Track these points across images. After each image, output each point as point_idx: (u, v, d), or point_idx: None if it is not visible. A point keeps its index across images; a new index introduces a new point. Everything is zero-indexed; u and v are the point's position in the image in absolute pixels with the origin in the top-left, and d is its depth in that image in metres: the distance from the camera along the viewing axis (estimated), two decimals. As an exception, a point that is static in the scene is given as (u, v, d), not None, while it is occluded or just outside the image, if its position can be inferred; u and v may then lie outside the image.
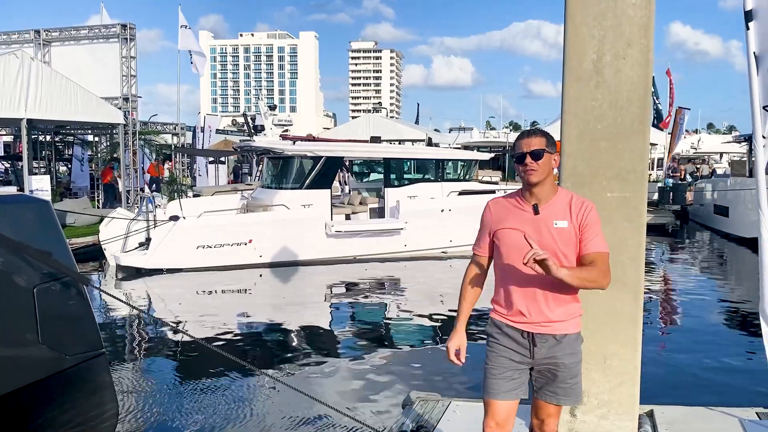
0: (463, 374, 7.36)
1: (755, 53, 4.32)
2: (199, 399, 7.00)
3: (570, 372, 3.15)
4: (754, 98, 4.38)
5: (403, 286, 14.37)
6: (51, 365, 3.65)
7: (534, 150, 3.05)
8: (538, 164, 3.04)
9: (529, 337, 3.13)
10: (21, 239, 3.55)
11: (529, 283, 3.07)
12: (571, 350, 3.14)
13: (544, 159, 3.05)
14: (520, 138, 3.17)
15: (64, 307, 3.79)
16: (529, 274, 2.98)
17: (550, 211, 3.06)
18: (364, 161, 22.57)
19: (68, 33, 22.25)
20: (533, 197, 3.09)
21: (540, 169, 3.04)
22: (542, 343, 3.11)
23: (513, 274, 3.10)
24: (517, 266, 3.03)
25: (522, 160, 3.06)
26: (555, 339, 3.11)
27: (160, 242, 14.23)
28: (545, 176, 3.07)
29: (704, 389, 7.08)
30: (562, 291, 3.06)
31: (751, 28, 4.31)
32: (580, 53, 4.27)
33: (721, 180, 23.36)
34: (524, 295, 3.11)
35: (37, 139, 23.72)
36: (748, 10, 4.30)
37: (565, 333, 3.12)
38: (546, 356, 3.13)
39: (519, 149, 3.10)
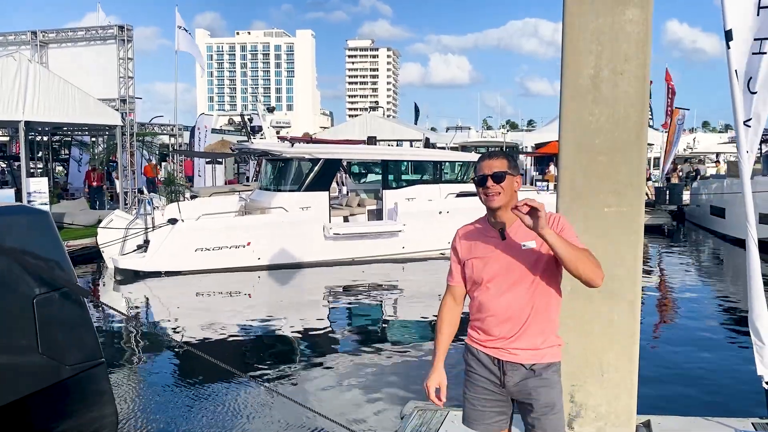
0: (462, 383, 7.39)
1: (736, 71, 4.41)
2: (199, 407, 7.02)
3: (544, 403, 2.95)
4: (737, 114, 4.48)
5: (402, 288, 14.39)
6: (50, 375, 3.68)
7: (496, 172, 2.91)
8: (501, 187, 2.90)
9: (499, 365, 3.00)
10: (20, 250, 3.57)
11: (502, 310, 2.95)
12: (544, 382, 2.95)
13: (506, 182, 2.91)
14: (480, 160, 3.04)
15: (64, 317, 3.82)
16: (501, 301, 2.92)
17: (516, 233, 2.92)
18: (361, 162, 22.60)
19: (65, 34, 22.23)
20: (498, 222, 2.97)
21: (503, 192, 2.91)
22: (512, 372, 2.97)
23: (487, 300, 2.98)
24: (491, 293, 2.95)
25: (483, 183, 2.92)
26: (525, 368, 2.96)
27: (159, 245, 14.25)
28: (508, 199, 2.92)
29: (701, 399, 7.11)
30: (537, 318, 2.93)
31: (732, 47, 4.41)
32: (578, 68, 4.31)
33: (717, 181, 23.41)
34: (496, 321, 2.97)
35: (34, 139, 23.69)
36: (728, 30, 4.40)
37: (534, 362, 2.95)
38: (517, 385, 2.98)
39: (480, 171, 2.96)
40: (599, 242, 4.20)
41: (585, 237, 4.20)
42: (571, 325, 4.14)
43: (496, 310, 2.96)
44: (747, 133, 4.51)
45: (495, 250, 2.95)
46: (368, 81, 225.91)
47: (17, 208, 4.59)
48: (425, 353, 8.95)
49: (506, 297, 2.92)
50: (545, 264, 2.90)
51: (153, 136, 29.31)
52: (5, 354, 3.50)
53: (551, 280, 2.94)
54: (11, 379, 3.50)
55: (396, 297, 13.60)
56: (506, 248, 2.92)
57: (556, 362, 3.00)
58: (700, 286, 14.90)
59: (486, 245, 2.99)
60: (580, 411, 4.39)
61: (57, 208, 18.44)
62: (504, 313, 2.94)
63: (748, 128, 4.50)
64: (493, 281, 2.95)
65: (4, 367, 3.49)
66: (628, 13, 4.18)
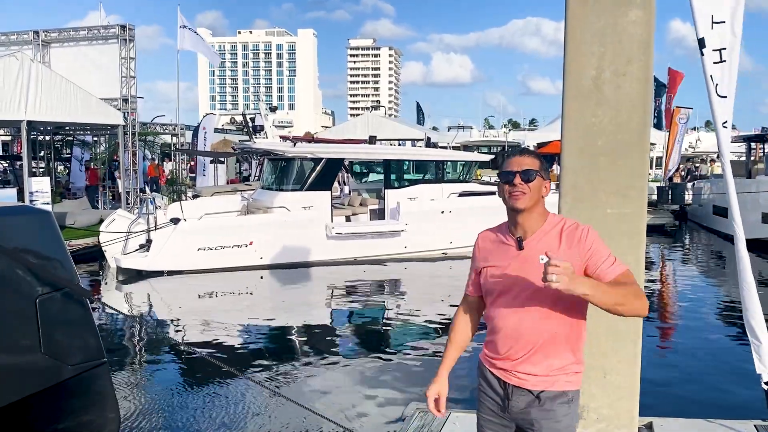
0: (464, 384, 7.38)
1: (711, 76, 4.48)
2: (200, 407, 7.02)
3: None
4: (714, 117, 4.54)
5: (404, 288, 14.40)
6: (52, 375, 3.68)
7: (526, 169, 2.61)
8: (529, 187, 2.60)
9: (505, 388, 2.71)
10: (23, 250, 3.58)
11: (511, 328, 2.65)
12: (548, 415, 2.62)
13: (535, 182, 2.61)
14: (509, 155, 2.73)
15: (66, 317, 3.82)
16: (514, 316, 2.62)
17: (538, 243, 2.61)
18: (363, 162, 22.59)
19: (67, 34, 22.26)
20: (518, 229, 2.67)
21: (529, 194, 2.60)
22: (517, 397, 2.68)
23: (497, 315, 2.69)
24: (502, 308, 2.67)
25: (510, 180, 2.62)
26: (532, 395, 2.64)
27: (161, 244, 14.26)
28: (533, 203, 2.62)
29: (703, 401, 7.10)
30: (554, 340, 2.62)
31: (704, 54, 4.47)
32: (581, 69, 4.30)
33: (720, 180, 23.37)
34: (507, 339, 2.67)
35: (36, 138, 23.72)
36: (700, 38, 4.46)
37: (543, 389, 2.63)
38: (521, 412, 2.69)
39: (507, 167, 2.65)
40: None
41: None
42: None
43: (505, 328, 2.66)
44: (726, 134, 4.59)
45: (510, 260, 2.65)
46: (370, 80, 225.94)
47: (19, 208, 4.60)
48: (427, 354, 8.95)
49: (518, 314, 2.62)
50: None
51: (155, 135, 29.33)
52: (7, 354, 3.51)
53: (576, 302, 2.56)
54: (13, 379, 3.51)
55: (398, 297, 13.60)
56: (523, 260, 2.61)
57: (569, 391, 2.65)
58: (702, 286, 14.89)
59: (502, 254, 2.70)
60: (582, 413, 4.38)
61: (59, 208, 18.45)
62: (514, 331, 2.64)
63: (725, 129, 4.56)
64: (505, 295, 2.66)
65: (7, 367, 3.49)
66: (631, 14, 4.18)
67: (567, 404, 2.65)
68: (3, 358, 3.47)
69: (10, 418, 3.44)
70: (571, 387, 2.67)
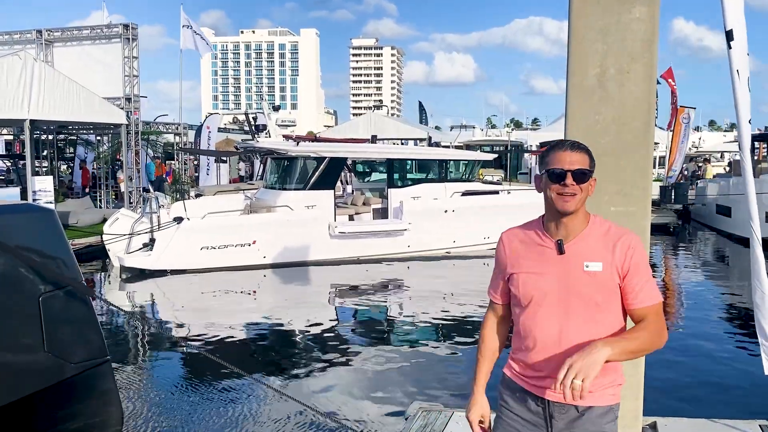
0: (467, 383, 7.37)
1: (738, 71, 4.41)
2: (203, 406, 7.02)
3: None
4: (740, 113, 4.47)
5: (407, 287, 14.39)
6: (56, 373, 3.69)
7: (578, 169, 2.35)
8: (581, 188, 2.36)
9: (545, 405, 2.47)
10: (26, 248, 3.58)
11: (553, 340, 2.41)
12: (596, 428, 2.41)
13: (588, 183, 2.39)
14: (558, 148, 2.43)
15: (69, 316, 3.83)
16: (556, 326, 2.40)
17: (580, 248, 2.39)
18: (365, 161, 22.59)
19: (70, 33, 22.27)
20: (560, 230, 2.42)
21: (580, 195, 2.37)
22: (560, 415, 2.44)
23: (535, 326, 2.45)
24: (542, 317, 2.43)
25: (561, 180, 2.35)
26: (577, 411, 2.42)
27: (165, 243, 14.27)
28: (581, 206, 2.40)
29: (708, 400, 7.08)
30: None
31: (732, 47, 4.39)
32: (584, 67, 4.27)
33: (724, 180, 23.32)
34: (545, 354, 2.43)
35: (39, 138, 23.74)
36: (728, 30, 4.38)
37: (590, 405, 2.40)
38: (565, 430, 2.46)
39: (556, 163, 2.37)
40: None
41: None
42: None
43: (546, 340, 2.42)
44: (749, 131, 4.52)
45: (550, 265, 2.42)
46: (372, 80, 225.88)
47: (22, 207, 4.61)
48: (430, 353, 8.94)
49: (560, 324, 2.40)
50: (612, 291, 2.37)
51: (158, 134, 29.33)
52: (12, 352, 3.52)
53: (618, 308, 2.41)
54: (17, 377, 3.51)
55: (401, 296, 13.59)
56: (564, 265, 2.39)
57: (614, 405, 2.47)
58: (706, 285, 14.85)
59: (539, 258, 2.46)
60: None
61: (62, 207, 18.47)
62: (556, 343, 2.40)
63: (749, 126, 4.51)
64: (543, 303, 2.42)
65: (11, 365, 3.50)
66: (635, 11, 4.15)
67: (613, 422, 2.47)
68: (7, 356, 3.48)
69: (14, 415, 3.44)
70: (615, 401, 2.49)
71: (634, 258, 2.36)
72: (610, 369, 2.40)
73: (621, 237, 2.41)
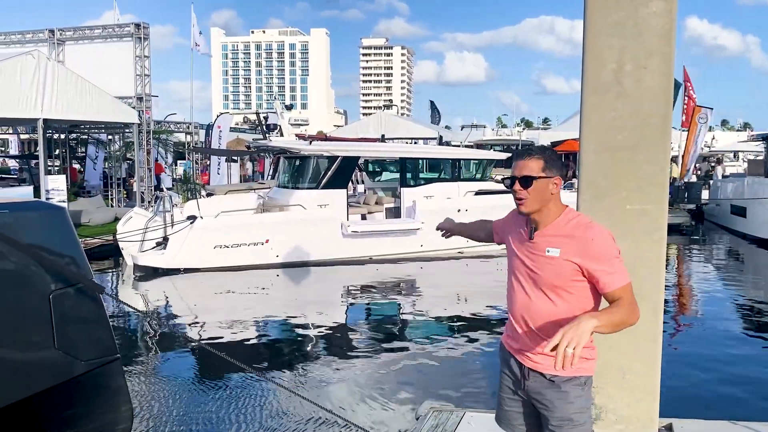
0: (478, 384, 7.33)
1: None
2: (214, 405, 7.00)
3: (560, 417, 2.74)
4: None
5: (419, 287, 14.34)
6: (66, 370, 3.67)
7: (523, 176, 2.67)
8: (528, 192, 2.67)
9: (521, 369, 2.85)
10: (37, 245, 3.56)
11: (521, 313, 2.79)
12: (562, 396, 2.73)
13: (535, 186, 2.66)
14: (514, 157, 2.81)
15: (80, 313, 3.80)
16: (524, 299, 2.76)
17: (546, 236, 2.71)
18: (377, 160, 22.55)
19: (82, 32, 22.39)
20: (534, 220, 2.76)
21: (530, 198, 2.67)
22: (533, 379, 2.80)
23: (512, 297, 2.86)
24: (514, 287, 2.82)
25: (511, 185, 2.73)
26: (545, 378, 2.76)
27: (178, 242, 14.29)
28: (539, 205, 2.69)
29: (724, 402, 6.98)
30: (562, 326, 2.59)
31: None
32: (600, 63, 4.22)
33: (738, 179, 23.11)
34: (519, 321, 2.82)
35: (51, 137, 23.87)
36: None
37: (556, 374, 2.68)
38: (536, 394, 2.81)
39: (512, 170, 2.76)
40: (621, 242, 4.06)
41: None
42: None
43: (517, 312, 2.82)
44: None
45: (522, 245, 2.81)
46: (382, 79, 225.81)
47: (33, 204, 4.59)
48: (441, 353, 8.88)
49: (527, 299, 2.76)
50: (571, 275, 2.64)
51: (169, 134, 29.43)
52: (21, 349, 3.50)
53: (581, 291, 2.67)
54: (27, 374, 3.49)
55: (413, 296, 13.54)
56: (532, 248, 2.75)
57: (581, 376, 2.75)
58: (722, 286, 14.71)
59: (518, 239, 2.86)
60: (601, 414, 4.30)
61: (74, 206, 18.55)
62: (524, 316, 2.78)
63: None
64: (515, 275, 2.83)
65: (20, 362, 3.48)
66: (652, 5, 4.09)
67: (580, 387, 2.74)
68: (17, 353, 3.46)
69: (23, 413, 3.42)
70: (583, 372, 2.75)
71: (594, 248, 2.59)
72: None
73: (583, 229, 2.65)
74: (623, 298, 2.57)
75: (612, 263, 2.60)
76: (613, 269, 2.59)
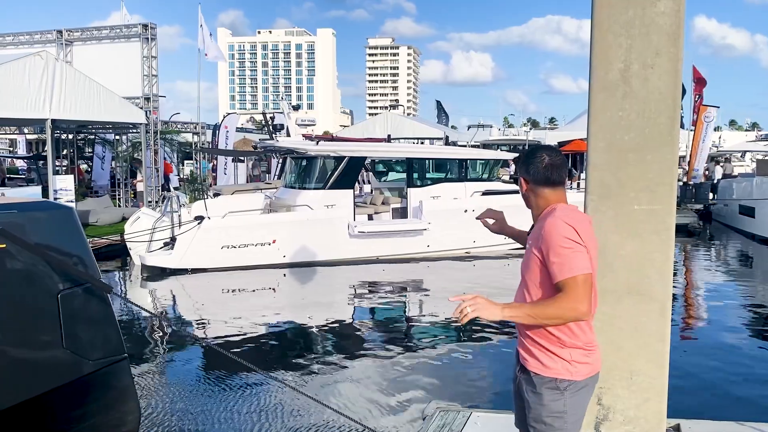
0: (484, 384, 7.32)
1: None
2: (221, 404, 7.01)
3: (532, 416, 2.80)
4: None
5: (426, 287, 14.32)
6: (74, 370, 3.68)
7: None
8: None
9: (518, 365, 2.96)
10: (45, 245, 3.58)
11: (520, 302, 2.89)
12: (536, 398, 2.78)
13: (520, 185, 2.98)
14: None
15: (88, 313, 3.82)
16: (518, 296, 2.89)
17: (531, 233, 2.90)
18: (383, 160, 22.53)
19: (90, 33, 22.45)
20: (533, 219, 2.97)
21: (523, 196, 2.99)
22: (521, 374, 2.90)
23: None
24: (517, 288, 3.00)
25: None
26: (529, 374, 2.83)
27: (186, 242, 14.33)
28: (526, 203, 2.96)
29: (732, 402, 6.96)
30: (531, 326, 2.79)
31: None
32: (607, 62, 4.20)
33: (746, 180, 23.00)
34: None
35: (59, 137, 23.97)
36: None
37: (537, 373, 2.79)
38: (522, 389, 2.89)
39: None
40: (629, 241, 4.11)
41: (614, 236, 4.13)
42: (599, 326, 4.02)
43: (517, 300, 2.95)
44: None
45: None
46: (388, 79, 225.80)
47: (42, 204, 4.62)
48: (448, 354, 8.88)
49: (518, 294, 2.90)
50: (536, 268, 2.73)
51: (176, 134, 29.49)
52: (30, 349, 3.52)
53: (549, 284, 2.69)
54: (35, 373, 3.51)
55: (420, 296, 13.54)
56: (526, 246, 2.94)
57: (561, 379, 2.74)
58: (731, 287, 14.64)
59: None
60: (608, 414, 4.29)
61: (82, 206, 18.63)
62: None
63: None
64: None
65: (29, 361, 3.50)
66: (660, 5, 4.07)
67: (557, 391, 2.73)
68: (26, 352, 3.48)
69: (31, 412, 3.44)
70: (564, 376, 2.73)
71: (544, 237, 2.66)
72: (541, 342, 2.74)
73: (545, 221, 2.72)
74: (564, 291, 2.58)
75: (557, 252, 2.61)
76: (558, 259, 2.61)
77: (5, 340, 3.37)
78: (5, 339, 3.37)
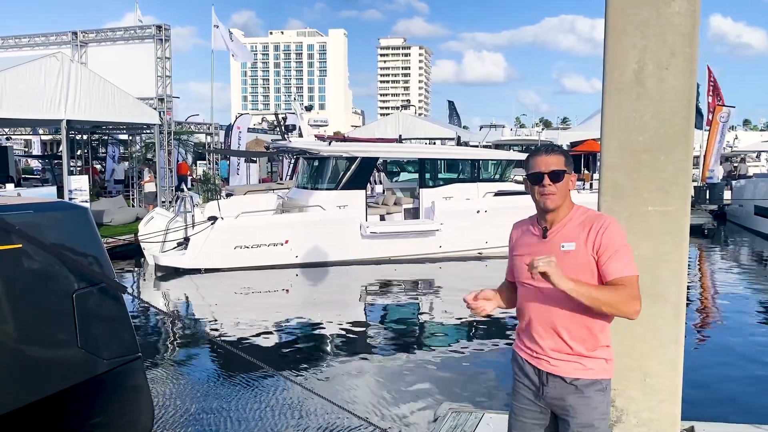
0: (496, 385, 7.30)
1: None
2: (233, 403, 7.04)
3: (581, 423, 2.71)
4: None
5: (438, 288, 14.31)
6: (88, 369, 3.71)
7: (553, 170, 2.70)
8: (557, 187, 2.70)
9: (539, 375, 2.80)
10: (60, 245, 3.61)
11: (543, 314, 2.75)
12: (585, 401, 2.70)
13: (563, 181, 2.71)
14: (535, 154, 2.81)
15: (102, 312, 3.85)
16: (538, 305, 2.74)
17: (561, 233, 2.73)
18: (395, 161, 22.52)
19: (104, 34, 22.62)
20: (546, 220, 2.78)
21: (558, 193, 2.71)
22: (552, 384, 2.75)
23: (526, 302, 2.82)
24: (529, 295, 2.80)
25: (539, 181, 2.72)
26: (565, 382, 2.72)
27: (199, 243, 14.40)
28: (562, 201, 2.73)
29: (747, 405, 6.90)
30: (578, 328, 2.70)
31: None
32: (621, 63, 4.17)
33: (762, 180, 22.79)
34: (537, 326, 2.78)
35: (74, 138, 24.15)
36: None
37: (577, 377, 2.70)
38: (556, 398, 2.76)
39: (534, 168, 2.75)
40: (643, 243, 4.08)
41: (627, 237, 4.10)
42: (613, 327, 4.03)
43: (533, 315, 2.79)
44: None
45: (535, 248, 2.76)
46: (400, 80, 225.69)
47: (57, 204, 4.66)
48: (460, 354, 8.86)
49: (543, 300, 2.73)
50: (585, 267, 2.64)
51: (189, 134, 29.62)
52: (45, 348, 3.55)
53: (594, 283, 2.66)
54: (50, 372, 3.54)
55: (432, 297, 13.52)
56: (547, 248, 2.71)
57: (602, 379, 2.74)
58: (746, 288, 14.52)
59: (528, 242, 2.85)
60: (621, 416, 4.27)
61: (96, 206, 18.76)
62: (541, 318, 2.76)
63: None
64: (530, 282, 2.75)
65: (44, 360, 3.53)
66: (675, 5, 4.04)
67: (602, 392, 2.73)
68: (41, 351, 3.51)
69: (46, 410, 3.47)
70: (603, 375, 2.74)
71: (605, 237, 2.62)
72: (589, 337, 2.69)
73: (595, 220, 2.69)
74: (625, 285, 2.57)
75: (623, 251, 2.63)
76: (623, 258, 2.61)
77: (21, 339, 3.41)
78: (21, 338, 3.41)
